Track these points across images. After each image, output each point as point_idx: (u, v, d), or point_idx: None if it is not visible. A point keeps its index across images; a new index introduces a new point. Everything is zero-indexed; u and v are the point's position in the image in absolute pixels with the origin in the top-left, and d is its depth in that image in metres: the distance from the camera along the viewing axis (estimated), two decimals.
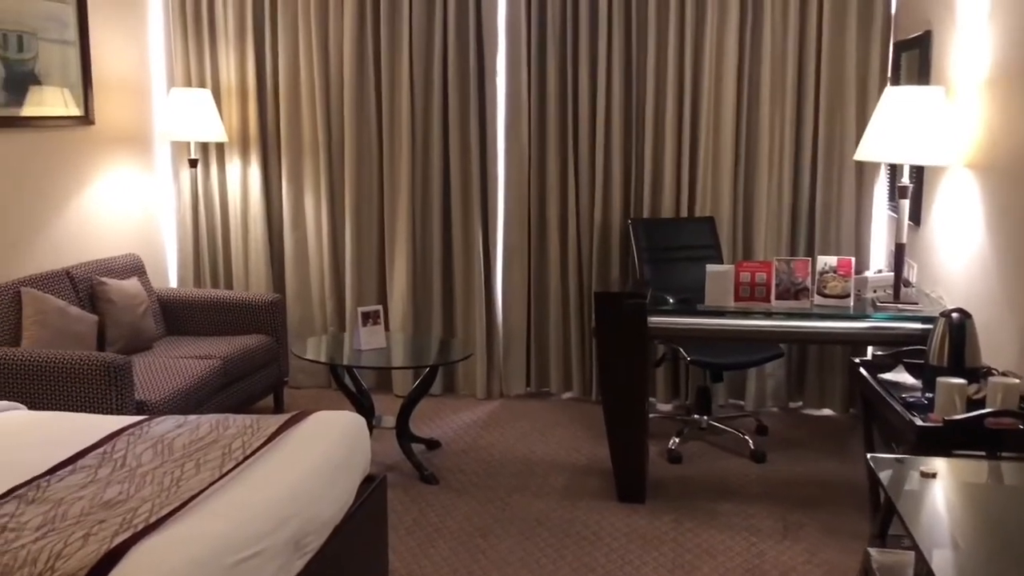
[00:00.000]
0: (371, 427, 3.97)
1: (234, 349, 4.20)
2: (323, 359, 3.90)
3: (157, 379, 3.67)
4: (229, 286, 5.13)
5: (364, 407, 4.06)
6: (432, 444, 4.22)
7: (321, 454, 2.49)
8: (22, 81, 4.02)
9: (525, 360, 4.95)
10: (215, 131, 4.75)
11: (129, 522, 1.98)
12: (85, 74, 4.39)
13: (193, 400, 3.73)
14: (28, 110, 4.05)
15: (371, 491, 2.72)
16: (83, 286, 4.10)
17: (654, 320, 3.48)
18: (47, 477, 2.27)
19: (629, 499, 3.63)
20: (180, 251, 5.13)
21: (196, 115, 4.68)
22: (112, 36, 4.62)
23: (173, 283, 5.19)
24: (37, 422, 2.78)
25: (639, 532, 3.37)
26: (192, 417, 2.77)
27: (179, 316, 4.60)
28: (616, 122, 4.64)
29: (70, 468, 2.34)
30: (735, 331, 3.42)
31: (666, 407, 4.82)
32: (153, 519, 1.98)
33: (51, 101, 4.20)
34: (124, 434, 2.60)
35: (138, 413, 3.41)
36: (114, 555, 1.81)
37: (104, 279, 4.17)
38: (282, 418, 2.70)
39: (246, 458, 2.38)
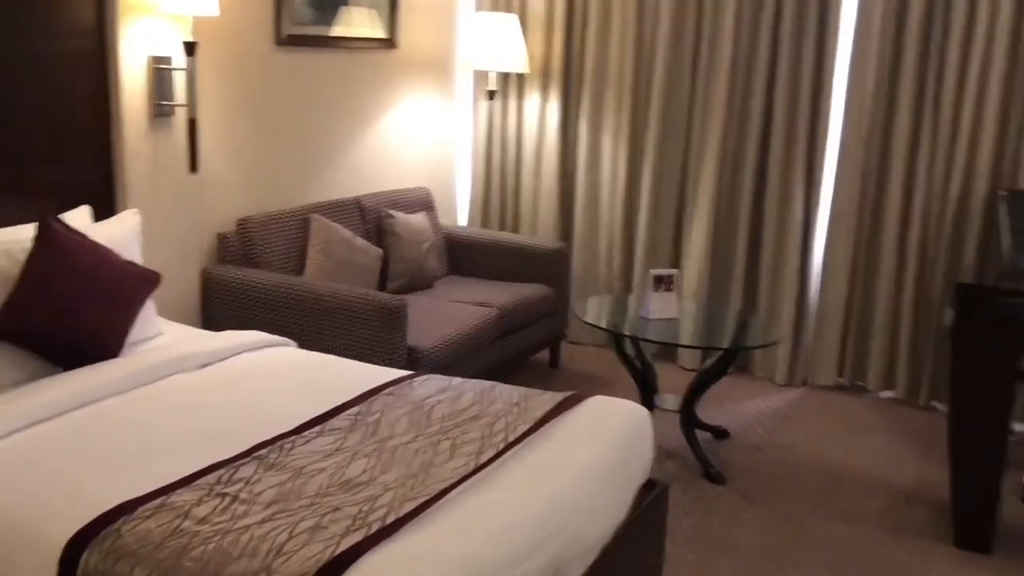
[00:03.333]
0: (651, 407, 3.51)
1: (513, 298, 3.89)
2: (603, 324, 3.47)
3: (431, 324, 3.42)
4: (516, 229, 4.83)
5: (646, 382, 3.59)
6: (720, 433, 3.67)
7: (594, 454, 2.05)
8: (333, 0, 3.90)
9: (839, 346, 4.20)
10: (518, 61, 4.41)
11: (364, 517, 1.65)
12: None
13: (466, 349, 3.46)
14: (337, 30, 3.93)
15: (649, 502, 2.24)
16: (371, 217, 3.96)
17: None
18: (292, 437, 2.02)
19: (969, 546, 2.87)
20: (472, 188, 4.90)
21: (500, 43, 4.36)
22: None
23: (461, 221, 4.99)
24: (302, 364, 2.59)
25: None
26: (456, 381, 2.45)
27: (462, 256, 4.38)
28: (997, 62, 3.68)
29: (319, 428, 2.08)
30: None
31: (1020, 428, 3.88)
32: (391, 519, 1.64)
33: (358, 22, 4.05)
34: (383, 392, 2.32)
35: (408, 359, 3.18)
36: (338, 563, 1.49)
37: (392, 212, 4.01)
38: (553, 399, 2.29)
39: (508, 447, 1.99)
